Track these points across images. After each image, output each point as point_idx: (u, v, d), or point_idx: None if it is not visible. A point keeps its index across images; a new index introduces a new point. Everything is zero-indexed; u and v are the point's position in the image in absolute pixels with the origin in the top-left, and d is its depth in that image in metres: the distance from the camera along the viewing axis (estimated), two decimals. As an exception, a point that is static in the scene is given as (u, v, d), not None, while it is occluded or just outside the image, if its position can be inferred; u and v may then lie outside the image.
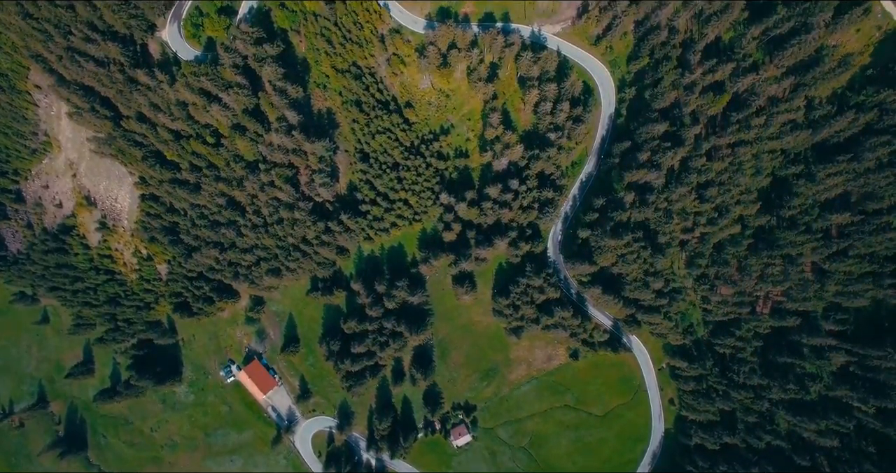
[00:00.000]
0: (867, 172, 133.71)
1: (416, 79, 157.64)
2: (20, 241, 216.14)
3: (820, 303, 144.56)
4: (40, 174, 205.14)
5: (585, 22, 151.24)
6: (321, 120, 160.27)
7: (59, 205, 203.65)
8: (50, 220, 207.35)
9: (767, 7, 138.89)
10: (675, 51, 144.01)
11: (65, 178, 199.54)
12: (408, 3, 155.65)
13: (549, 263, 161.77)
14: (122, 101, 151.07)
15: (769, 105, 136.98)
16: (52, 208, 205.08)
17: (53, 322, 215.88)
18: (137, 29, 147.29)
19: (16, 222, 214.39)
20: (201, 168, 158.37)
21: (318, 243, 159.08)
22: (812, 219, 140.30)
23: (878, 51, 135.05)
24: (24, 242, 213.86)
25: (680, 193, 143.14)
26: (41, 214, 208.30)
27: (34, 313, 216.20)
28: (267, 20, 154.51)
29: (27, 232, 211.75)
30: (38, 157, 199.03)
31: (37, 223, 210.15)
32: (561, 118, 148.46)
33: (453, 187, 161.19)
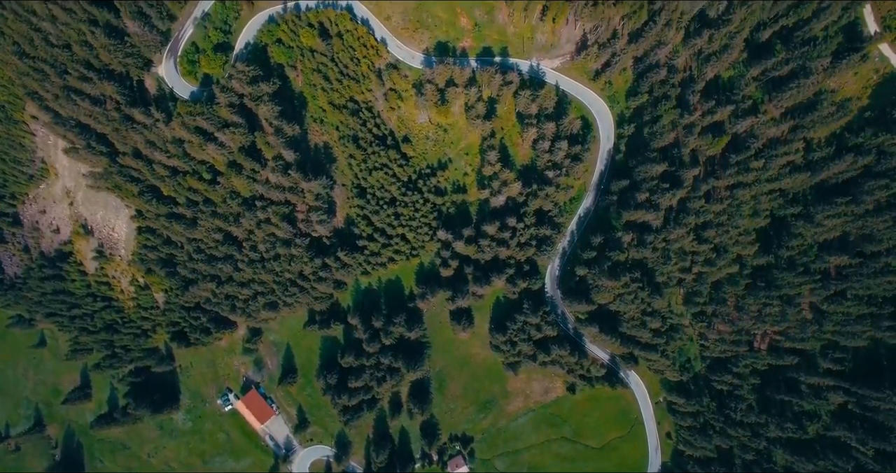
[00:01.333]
0: (866, 215, 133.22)
1: (414, 113, 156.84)
2: (17, 265, 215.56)
3: (818, 343, 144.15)
4: (37, 198, 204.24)
5: (584, 58, 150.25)
6: (318, 155, 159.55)
7: (56, 231, 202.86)
8: (47, 245, 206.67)
9: (767, 48, 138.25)
10: (675, 90, 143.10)
11: (62, 205, 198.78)
12: (405, 38, 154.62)
13: (546, 300, 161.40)
14: (118, 139, 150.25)
15: (768, 147, 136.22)
16: (49, 233, 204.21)
17: (51, 345, 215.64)
18: (133, 66, 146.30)
19: (13, 245, 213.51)
20: (198, 203, 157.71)
21: (315, 279, 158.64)
22: (810, 261, 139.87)
23: (876, 93, 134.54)
24: (21, 266, 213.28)
25: (678, 234, 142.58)
26: (38, 238, 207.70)
27: (31, 336, 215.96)
28: (263, 55, 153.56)
29: (24, 255, 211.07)
30: (35, 183, 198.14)
31: (34, 247, 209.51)
32: (559, 156, 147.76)
33: (451, 222, 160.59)
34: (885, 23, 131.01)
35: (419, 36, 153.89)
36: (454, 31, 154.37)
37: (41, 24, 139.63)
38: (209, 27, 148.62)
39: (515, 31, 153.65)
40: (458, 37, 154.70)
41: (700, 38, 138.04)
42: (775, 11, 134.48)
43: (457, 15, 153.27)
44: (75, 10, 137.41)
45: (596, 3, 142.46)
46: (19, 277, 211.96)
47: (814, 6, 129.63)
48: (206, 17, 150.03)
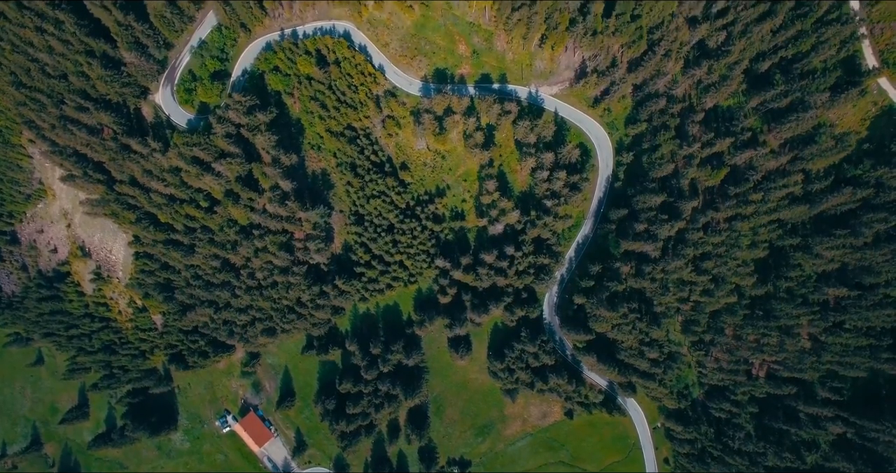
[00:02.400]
0: (865, 247, 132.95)
1: (412, 140, 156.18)
2: (14, 283, 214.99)
3: (816, 374, 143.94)
4: (35, 218, 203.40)
5: (583, 85, 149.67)
6: (315, 181, 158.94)
7: (53, 251, 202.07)
8: (45, 263, 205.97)
9: (766, 78, 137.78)
10: (674, 120, 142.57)
11: (59, 225, 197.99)
12: (403, 65, 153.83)
13: (544, 328, 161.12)
14: (114, 167, 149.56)
15: (767, 179, 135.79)
16: (47, 253, 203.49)
17: (48, 363, 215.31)
18: (130, 95, 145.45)
19: (10, 264, 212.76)
20: (195, 229, 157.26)
21: (313, 306, 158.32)
22: (809, 292, 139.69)
23: (875, 125, 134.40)
24: (18, 284, 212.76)
25: (676, 265, 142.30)
26: (36, 257, 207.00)
27: (29, 354, 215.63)
28: (260, 82, 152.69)
29: (21, 274, 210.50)
30: (32, 202, 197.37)
31: (31, 265, 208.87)
32: (558, 185, 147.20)
33: (449, 249, 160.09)
34: (883, 57, 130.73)
35: (417, 63, 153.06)
36: (452, 58, 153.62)
37: (38, 55, 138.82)
38: (206, 56, 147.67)
39: (514, 57, 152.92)
40: (456, 64, 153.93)
41: (699, 69, 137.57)
42: (774, 43, 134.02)
43: (455, 42, 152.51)
44: (72, 41, 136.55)
45: (595, 33, 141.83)
46: (17, 295, 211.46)
47: (812, 40, 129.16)
48: (203, 45, 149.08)
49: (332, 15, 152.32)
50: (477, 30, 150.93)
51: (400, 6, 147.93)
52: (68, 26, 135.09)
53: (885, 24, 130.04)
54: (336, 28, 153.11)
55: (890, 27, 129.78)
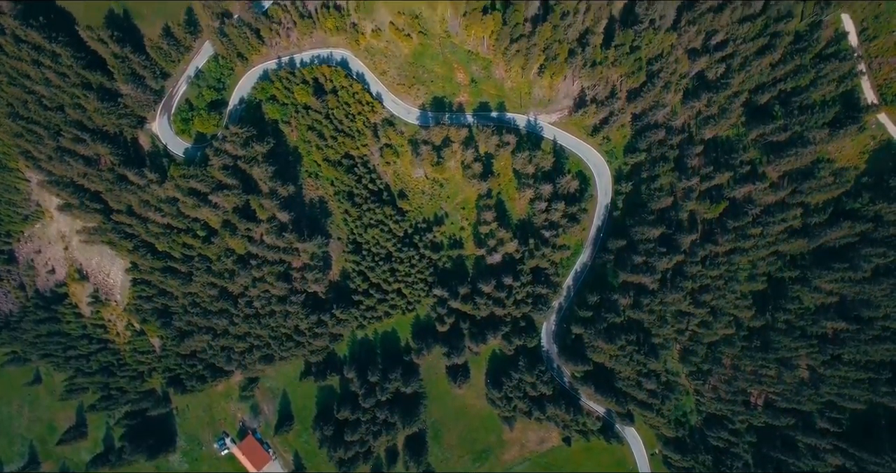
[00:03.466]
0: (863, 281, 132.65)
1: (410, 169, 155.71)
2: (12, 302, 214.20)
3: (814, 405, 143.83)
4: (33, 237, 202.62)
5: (582, 115, 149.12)
6: (313, 209, 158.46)
7: (51, 271, 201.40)
8: (42, 283, 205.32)
9: (766, 110, 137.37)
10: (673, 151, 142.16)
11: (57, 246, 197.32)
12: (401, 93, 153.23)
13: (542, 357, 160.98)
14: (111, 197, 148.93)
15: (766, 213, 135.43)
16: (45, 273, 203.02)
17: (46, 382, 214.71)
18: (127, 125, 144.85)
19: (7, 282, 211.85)
20: (193, 257, 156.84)
21: (311, 334, 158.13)
22: (808, 325, 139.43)
23: (873, 158, 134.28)
24: (16, 303, 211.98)
25: (674, 298, 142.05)
26: (33, 277, 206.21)
27: (26, 373, 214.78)
28: (257, 111, 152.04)
29: (19, 293, 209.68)
30: (30, 222, 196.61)
31: (29, 285, 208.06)
32: (556, 216, 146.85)
33: (447, 276, 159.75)
34: (882, 91, 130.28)
35: (415, 91, 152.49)
36: (451, 87, 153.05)
37: (35, 87, 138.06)
38: (202, 86, 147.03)
39: (512, 86, 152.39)
40: (454, 92, 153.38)
41: (699, 101, 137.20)
42: (773, 76, 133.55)
43: (453, 70, 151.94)
44: (68, 74, 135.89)
45: (595, 64, 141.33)
46: (14, 315, 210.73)
47: (811, 75, 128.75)
48: (200, 75, 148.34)
49: (330, 43, 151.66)
50: (475, 58, 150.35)
51: (398, 35, 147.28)
52: (65, 59, 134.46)
53: (882, 59, 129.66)
54: (333, 56, 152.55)
55: (888, 62, 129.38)
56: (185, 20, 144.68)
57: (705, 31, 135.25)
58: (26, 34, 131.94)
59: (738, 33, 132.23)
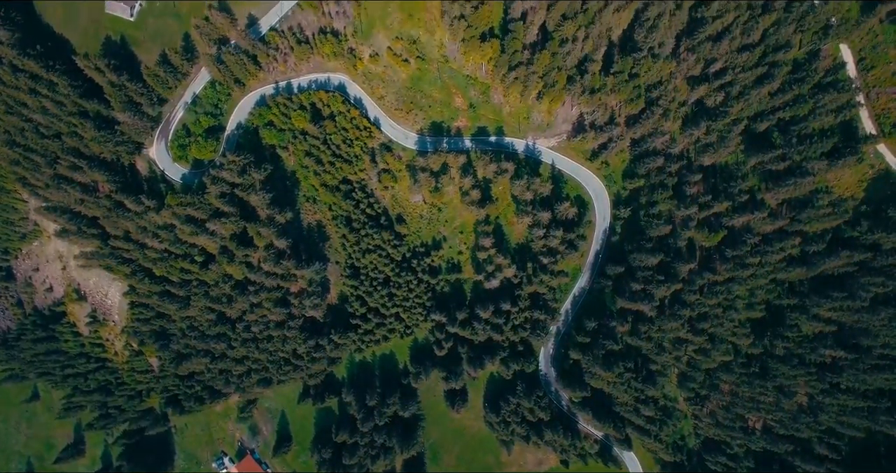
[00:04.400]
0: (862, 310, 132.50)
1: (408, 193, 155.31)
2: (10, 319, 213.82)
3: (813, 433, 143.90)
4: (31, 255, 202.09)
5: (581, 140, 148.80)
6: (311, 233, 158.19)
7: (49, 289, 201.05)
8: (40, 300, 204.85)
9: (765, 137, 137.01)
10: (672, 179, 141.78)
11: (54, 265, 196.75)
12: (399, 118, 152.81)
13: (540, 381, 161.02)
14: (109, 223, 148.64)
15: (764, 242, 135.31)
16: (43, 290, 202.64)
17: (44, 399, 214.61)
18: (124, 152, 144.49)
19: (5, 299, 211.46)
20: (190, 282, 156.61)
21: (309, 359, 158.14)
22: (806, 352, 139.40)
23: (872, 187, 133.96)
24: (13, 320, 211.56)
25: (672, 326, 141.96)
26: (31, 294, 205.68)
27: (24, 390, 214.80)
28: (255, 136, 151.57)
29: (17, 310, 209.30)
30: (28, 240, 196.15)
31: (27, 302, 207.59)
32: (554, 243, 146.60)
33: (445, 300, 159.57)
34: (880, 121, 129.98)
35: (413, 116, 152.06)
36: (449, 111, 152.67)
37: (32, 116, 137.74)
38: (199, 112, 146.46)
39: (511, 110, 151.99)
40: (452, 117, 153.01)
41: (697, 129, 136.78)
42: (772, 105, 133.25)
43: (451, 95, 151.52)
44: (65, 103, 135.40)
45: (594, 91, 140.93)
46: (12, 331, 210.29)
47: (810, 105, 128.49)
48: (197, 100, 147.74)
49: (327, 68, 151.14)
50: (473, 83, 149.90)
51: (395, 60, 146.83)
52: (61, 88, 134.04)
53: (880, 89, 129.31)
54: (331, 80, 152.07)
55: (885, 92, 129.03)
56: (183, 46, 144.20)
57: (704, 59, 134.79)
58: (23, 63, 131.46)
59: (736, 62, 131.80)
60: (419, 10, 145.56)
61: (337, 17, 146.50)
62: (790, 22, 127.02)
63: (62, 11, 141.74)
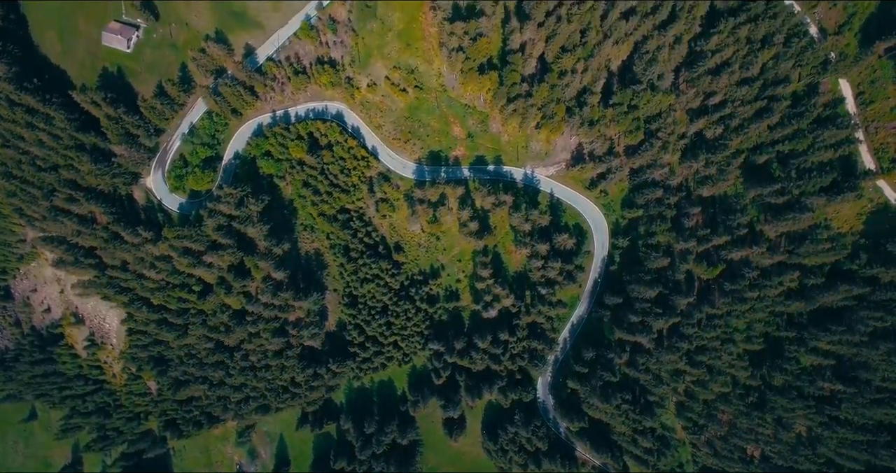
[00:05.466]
0: (861, 344, 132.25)
1: (406, 222, 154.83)
2: (7, 338, 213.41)
3: (812, 465, 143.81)
4: (28, 275, 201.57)
5: (580, 170, 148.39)
6: (309, 262, 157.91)
7: (47, 310, 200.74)
8: (38, 320, 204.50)
9: (764, 169, 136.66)
10: (670, 211, 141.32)
11: (52, 286, 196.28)
12: (397, 147, 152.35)
13: (538, 409, 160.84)
14: (106, 254, 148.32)
15: (763, 276, 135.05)
16: (41, 311, 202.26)
17: (42, 418, 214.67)
18: (121, 183, 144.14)
19: (3, 319, 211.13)
20: (188, 310, 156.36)
21: (307, 387, 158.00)
22: (805, 385, 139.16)
23: (871, 220, 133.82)
24: (11, 340, 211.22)
25: (670, 359, 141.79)
26: (29, 314, 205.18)
27: (22, 409, 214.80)
28: (252, 166, 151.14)
29: (14, 329, 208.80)
30: (26, 261, 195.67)
31: (25, 321, 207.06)
32: (552, 274, 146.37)
33: (443, 328, 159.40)
34: (878, 155, 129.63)
35: (411, 146, 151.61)
36: (447, 140, 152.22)
37: (29, 148, 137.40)
38: (196, 143, 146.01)
39: (509, 139, 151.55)
40: (451, 146, 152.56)
41: (696, 162, 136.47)
42: (772, 138, 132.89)
43: (450, 124, 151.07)
44: (62, 136, 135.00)
45: (593, 123, 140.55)
46: (10, 351, 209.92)
47: (809, 140, 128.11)
48: (193, 131, 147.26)
49: (325, 96, 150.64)
50: (472, 112, 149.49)
51: (393, 90, 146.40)
52: (58, 122, 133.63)
53: (879, 123, 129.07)
54: (329, 109, 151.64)
55: (884, 126, 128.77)
56: (180, 77, 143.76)
57: (704, 92, 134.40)
58: (20, 98, 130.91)
59: (735, 95, 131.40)
60: (417, 40, 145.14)
61: (334, 46, 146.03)
62: (789, 57, 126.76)
63: (59, 44, 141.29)
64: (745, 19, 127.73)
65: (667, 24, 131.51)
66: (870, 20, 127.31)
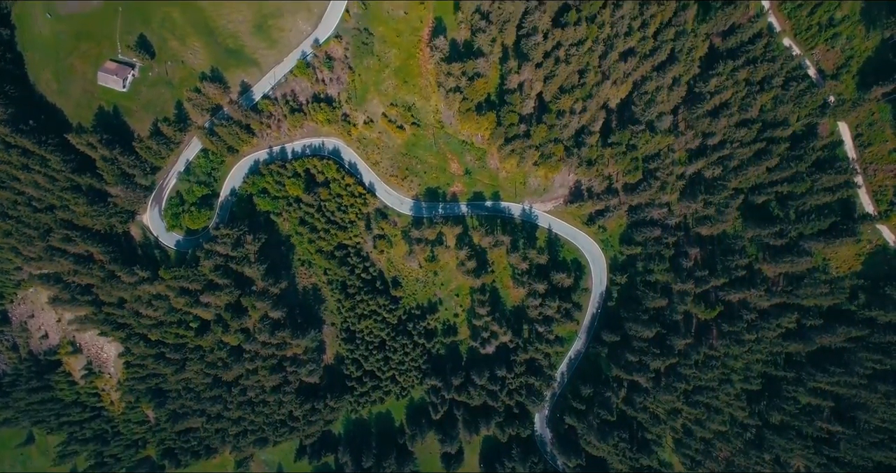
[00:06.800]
0: (860, 386, 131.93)
1: (403, 258, 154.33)
2: (4, 362, 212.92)
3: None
4: (26, 300, 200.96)
5: (578, 207, 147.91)
6: (307, 296, 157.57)
7: (44, 336, 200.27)
8: (36, 345, 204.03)
9: (763, 208, 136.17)
10: (668, 250, 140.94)
11: (50, 313, 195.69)
12: (394, 184, 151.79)
13: (536, 444, 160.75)
14: (103, 292, 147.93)
15: (761, 318, 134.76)
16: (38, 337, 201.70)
17: (39, 442, 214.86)
18: (118, 222, 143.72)
19: (0, 343, 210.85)
20: (186, 345, 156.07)
21: (305, 422, 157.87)
22: (803, 425, 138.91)
23: (869, 261, 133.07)
24: (9, 364, 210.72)
25: (667, 399, 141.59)
26: (27, 338, 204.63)
27: (19, 434, 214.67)
28: (249, 202, 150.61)
29: (12, 354, 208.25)
30: (23, 287, 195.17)
31: (22, 346, 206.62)
32: (550, 312, 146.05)
33: (441, 363, 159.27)
34: (877, 197, 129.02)
35: (408, 182, 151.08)
36: (444, 177, 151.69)
37: (24, 189, 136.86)
38: (192, 181, 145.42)
39: (507, 175, 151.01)
40: (448, 182, 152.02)
41: (695, 203, 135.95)
42: (771, 179, 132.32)
43: (447, 160, 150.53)
44: (58, 178, 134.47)
45: (591, 163, 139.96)
46: (7, 375, 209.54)
47: (808, 184, 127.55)
48: (189, 168, 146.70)
49: (322, 132, 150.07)
50: (469, 148, 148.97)
51: (390, 127, 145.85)
52: (54, 164, 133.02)
53: (877, 165, 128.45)
54: (325, 144, 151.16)
55: (882, 169, 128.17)
56: (175, 115, 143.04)
57: (702, 133, 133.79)
58: (16, 140, 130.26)
59: (734, 136, 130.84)
60: (414, 77, 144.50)
61: (331, 83, 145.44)
62: (788, 100, 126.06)
63: (56, 83, 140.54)
64: (744, 61, 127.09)
65: (666, 65, 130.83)
66: (867, 62, 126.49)
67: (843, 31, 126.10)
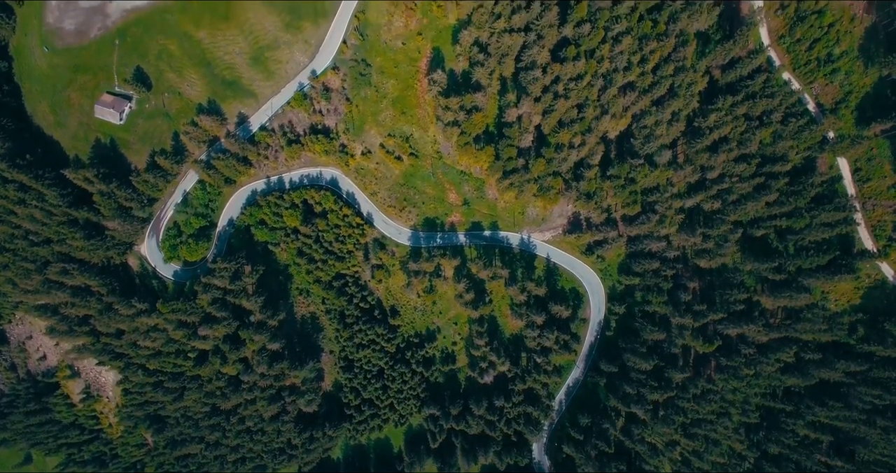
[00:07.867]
0: (859, 422, 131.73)
1: (401, 287, 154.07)
2: (2, 382, 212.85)
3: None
4: (24, 321, 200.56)
5: (577, 238, 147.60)
6: (305, 325, 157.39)
7: (42, 358, 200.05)
8: (34, 366, 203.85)
9: (762, 241, 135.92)
10: (667, 283, 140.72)
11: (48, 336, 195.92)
12: (392, 214, 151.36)
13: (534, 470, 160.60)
14: (100, 323, 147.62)
15: (760, 353, 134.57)
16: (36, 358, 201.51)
17: (37, 462, 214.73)
18: (115, 255, 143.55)
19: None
20: (184, 373, 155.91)
21: (304, 450, 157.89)
22: (802, 458, 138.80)
23: (868, 295, 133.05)
24: (7, 384, 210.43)
25: (665, 431, 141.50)
26: (25, 359, 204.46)
27: (17, 454, 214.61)
28: (246, 233, 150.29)
29: (10, 374, 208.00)
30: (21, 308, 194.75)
31: (21, 366, 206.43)
32: (548, 343, 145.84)
33: (439, 391, 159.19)
34: (876, 233, 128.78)
35: (406, 213, 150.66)
36: (443, 207, 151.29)
37: (21, 223, 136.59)
38: (189, 213, 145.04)
39: (506, 206, 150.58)
40: (446, 212, 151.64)
41: (694, 236, 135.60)
42: (770, 213, 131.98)
43: (445, 190, 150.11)
44: (55, 212, 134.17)
45: (590, 196, 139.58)
46: (6, 395, 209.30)
47: (807, 220, 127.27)
48: (187, 199, 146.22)
49: (319, 162, 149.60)
50: (468, 178, 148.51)
51: (388, 157, 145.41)
52: (51, 198, 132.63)
53: (876, 201, 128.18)
54: (323, 174, 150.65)
55: (881, 204, 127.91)
56: (173, 146, 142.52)
57: (701, 167, 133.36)
58: (13, 175, 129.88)
59: (733, 171, 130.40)
60: (412, 108, 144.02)
61: (328, 114, 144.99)
62: (787, 135, 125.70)
63: (52, 115, 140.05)
64: (744, 97, 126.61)
65: (665, 99, 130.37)
66: (866, 98, 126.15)
67: (841, 66, 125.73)
